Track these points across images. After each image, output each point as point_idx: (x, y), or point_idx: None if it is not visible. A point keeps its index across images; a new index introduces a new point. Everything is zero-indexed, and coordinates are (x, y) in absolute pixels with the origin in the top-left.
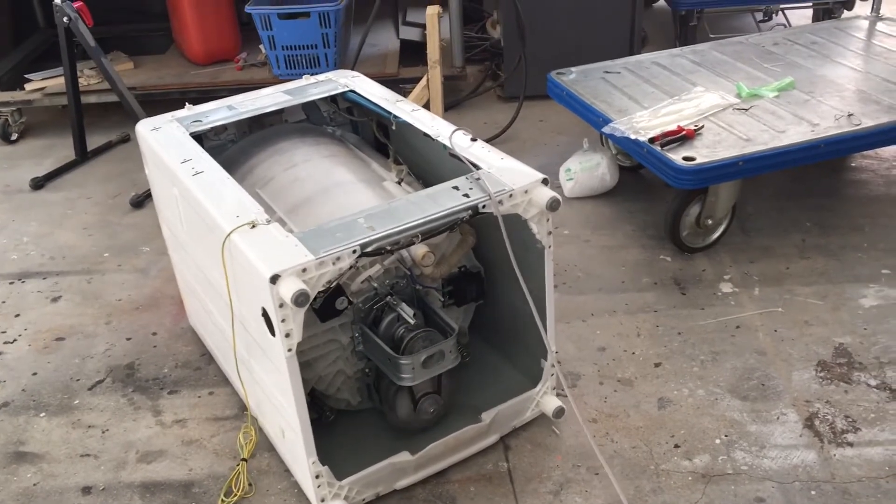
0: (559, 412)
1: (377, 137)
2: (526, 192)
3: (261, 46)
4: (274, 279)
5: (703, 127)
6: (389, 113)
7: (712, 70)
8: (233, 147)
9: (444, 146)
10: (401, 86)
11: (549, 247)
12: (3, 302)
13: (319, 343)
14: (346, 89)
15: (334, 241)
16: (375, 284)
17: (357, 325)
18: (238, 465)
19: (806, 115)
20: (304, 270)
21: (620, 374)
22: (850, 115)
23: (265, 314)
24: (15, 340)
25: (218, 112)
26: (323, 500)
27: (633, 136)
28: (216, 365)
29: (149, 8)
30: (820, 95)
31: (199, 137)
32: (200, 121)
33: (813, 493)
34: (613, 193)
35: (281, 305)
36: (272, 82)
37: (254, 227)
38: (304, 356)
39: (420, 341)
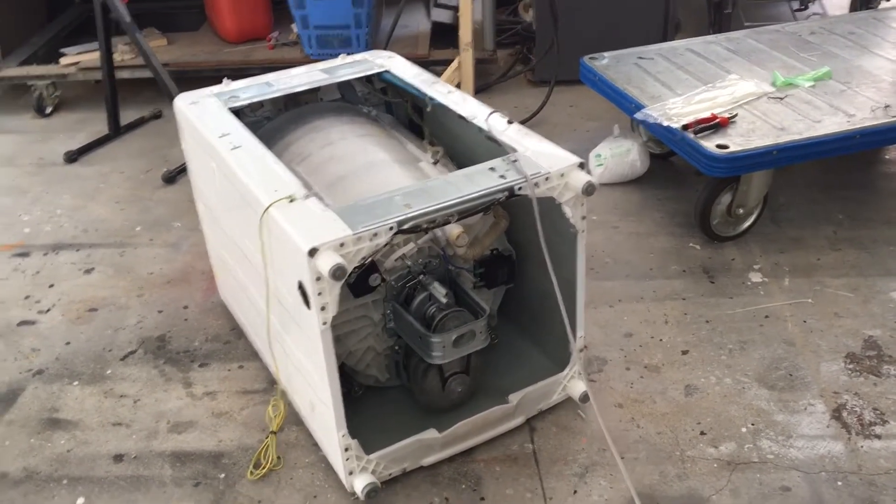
0: (586, 397)
1: (411, 119)
2: (562, 175)
3: (293, 26)
4: (312, 252)
5: (736, 115)
6: (425, 94)
7: (747, 58)
8: (268, 124)
9: (481, 128)
10: (431, 68)
11: (583, 231)
12: (38, 272)
13: (351, 318)
14: (383, 70)
15: (372, 216)
16: (409, 263)
17: (389, 303)
18: (267, 437)
19: (842, 106)
20: (341, 245)
21: (647, 361)
22: (886, 106)
23: (301, 287)
24: (49, 310)
25: (255, 88)
26: (351, 473)
27: (665, 123)
28: (246, 339)
29: None
30: (857, 86)
31: (235, 113)
32: (238, 96)
33: (839, 483)
34: (643, 180)
35: (318, 279)
36: (303, 62)
37: (292, 201)
38: (335, 331)
39: (451, 320)
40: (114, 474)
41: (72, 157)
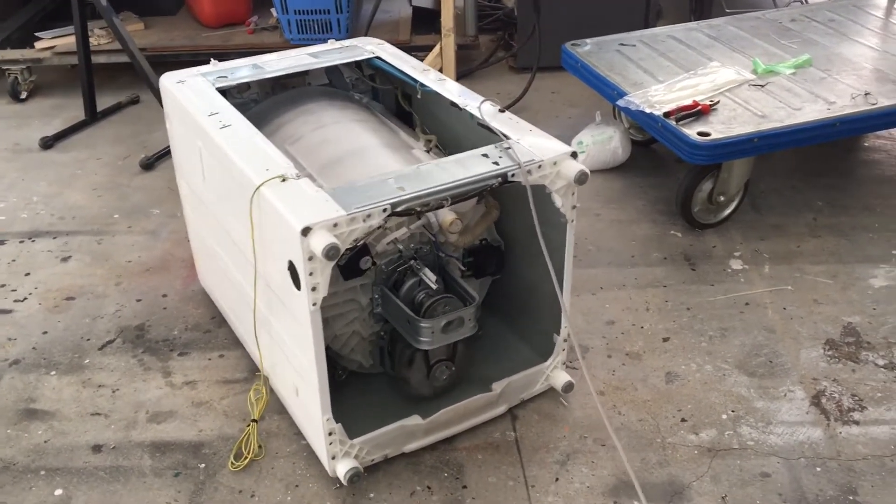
0: (569, 387)
1: (400, 106)
2: (555, 163)
3: (272, 10)
4: (305, 231)
5: (718, 102)
6: (416, 81)
7: (728, 45)
8: (256, 106)
9: (472, 115)
10: (413, 54)
11: (572, 220)
12: (14, 260)
13: (339, 302)
14: (373, 56)
15: (365, 198)
16: (400, 247)
17: (378, 287)
18: (248, 426)
19: (822, 94)
20: (335, 225)
21: (629, 348)
22: (866, 94)
23: (292, 267)
24: (25, 299)
25: (244, 69)
26: (334, 458)
27: (647, 110)
28: (226, 328)
29: None
30: (837, 74)
31: (222, 94)
32: (226, 77)
33: (818, 469)
34: (625, 168)
35: (310, 258)
36: (283, 47)
37: (284, 180)
38: (321, 314)
39: (441, 306)
40: (92, 465)
41: (48, 143)
